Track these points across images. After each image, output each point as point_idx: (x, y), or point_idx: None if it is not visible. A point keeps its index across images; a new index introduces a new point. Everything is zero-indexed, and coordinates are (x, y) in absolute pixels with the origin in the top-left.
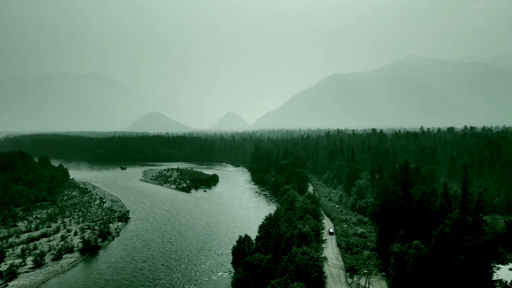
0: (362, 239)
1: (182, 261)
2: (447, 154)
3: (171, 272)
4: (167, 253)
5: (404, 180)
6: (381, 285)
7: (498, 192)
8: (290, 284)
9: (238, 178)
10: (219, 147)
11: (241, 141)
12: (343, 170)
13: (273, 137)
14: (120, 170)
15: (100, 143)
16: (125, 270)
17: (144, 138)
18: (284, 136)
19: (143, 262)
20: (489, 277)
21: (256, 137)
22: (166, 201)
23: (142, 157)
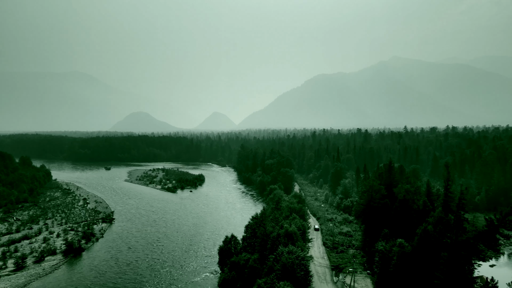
0: (348, 238)
1: (167, 263)
2: (430, 154)
3: (156, 275)
4: (152, 255)
5: (388, 179)
6: (366, 283)
7: (478, 191)
8: (277, 283)
9: (225, 178)
10: (205, 147)
11: (227, 141)
12: (329, 170)
13: (259, 137)
14: (105, 171)
15: (83, 143)
16: (108, 273)
17: (129, 138)
18: (270, 136)
19: (127, 265)
20: (470, 274)
21: (242, 137)
22: (152, 201)
23: (127, 157)
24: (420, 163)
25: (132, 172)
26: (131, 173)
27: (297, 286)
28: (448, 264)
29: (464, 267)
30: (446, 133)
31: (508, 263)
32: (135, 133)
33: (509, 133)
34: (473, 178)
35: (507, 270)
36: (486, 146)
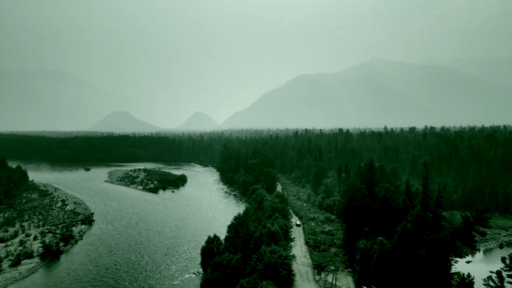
0: (330, 237)
1: (148, 266)
2: (409, 153)
3: (136, 279)
4: (133, 258)
5: (369, 179)
6: (347, 281)
7: (455, 189)
8: (259, 283)
9: (207, 178)
10: (188, 147)
11: (209, 141)
12: (311, 169)
13: (242, 137)
14: (84, 171)
15: (62, 143)
16: (86, 278)
17: (110, 138)
18: (253, 135)
19: (105, 269)
20: (447, 270)
21: (225, 137)
22: (133, 203)
23: (107, 158)
24: (400, 162)
25: (112, 173)
26: (112, 173)
27: (280, 285)
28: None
29: (442, 263)
30: (424, 133)
31: (483, 259)
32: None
33: (484, 133)
34: (450, 177)
35: (483, 266)
36: (463, 146)
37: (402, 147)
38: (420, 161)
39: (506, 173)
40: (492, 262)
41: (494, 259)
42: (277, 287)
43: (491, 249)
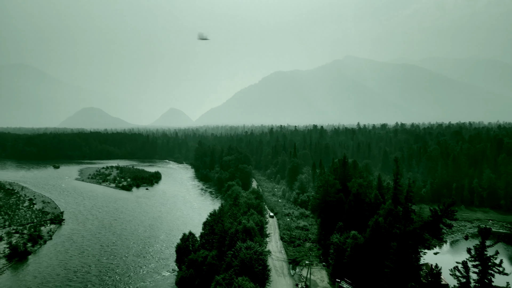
0: (304, 232)
1: (120, 267)
2: (381, 149)
3: (107, 281)
4: (105, 259)
5: (342, 174)
6: (321, 274)
7: (424, 184)
8: (235, 279)
9: (182, 175)
10: (162, 143)
11: (184, 137)
12: (286, 166)
13: (217, 134)
14: (53, 169)
15: (29, 140)
16: (53, 281)
17: (80, 135)
18: (228, 132)
19: (74, 272)
20: (417, 262)
21: (200, 133)
22: (105, 201)
23: (78, 155)
24: (372, 158)
25: (83, 170)
26: (83, 171)
27: (256, 280)
28: (397, 253)
29: (411, 255)
30: (395, 129)
31: (450, 250)
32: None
33: (451, 130)
34: (420, 172)
35: (450, 257)
36: (431, 142)
37: (374, 144)
38: (391, 156)
39: (471, 168)
40: (458, 253)
41: (460, 250)
42: (253, 282)
43: (457, 241)
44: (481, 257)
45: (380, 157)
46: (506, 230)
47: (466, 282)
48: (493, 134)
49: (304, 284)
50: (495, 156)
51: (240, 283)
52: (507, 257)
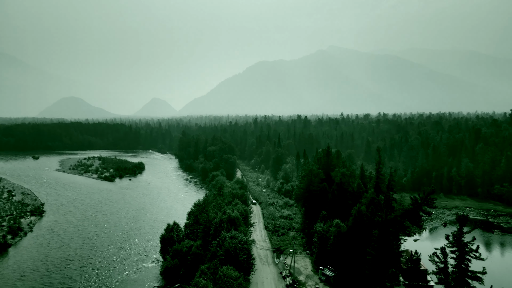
0: (288, 221)
1: (103, 258)
2: (363, 139)
3: (87, 275)
4: (87, 252)
5: (326, 164)
6: (305, 262)
7: (405, 173)
8: (220, 268)
9: (166, 165)
10: (145, 134)
11: (168, 127)
12: (270, 155)
13: (201, 124)
14: (32, 160)
15: (6, 131)
16: (32, 275)
17: (60, 125)
18: (212, 122)
19: (55, 266)
20: (397, 248)
21: (183, 123)
22: (87, 192)
23: (58, 146)
24: (355, 147)
25: (64, 161)
26: (63, 162)
27: (240, 269)
28: (378, 241)
29: (392, 242)
30: (378, 120)
31: (429, 237)
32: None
33: (432, 120)
34: (401, 161)
35: (429, 243)
36: (412, 132)
37: (357, 134)
38: (373, 146)
39: (450, 157)
40: (437, 239)
41: (439, 237)
42: (238, 271)
43: (436, 228)
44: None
45: (363, 147)
46: (482, 217)
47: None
48: (471, 124)
49: (288, 272)
50: (473, 146)
51: (225, 272)
52: (483, 243)
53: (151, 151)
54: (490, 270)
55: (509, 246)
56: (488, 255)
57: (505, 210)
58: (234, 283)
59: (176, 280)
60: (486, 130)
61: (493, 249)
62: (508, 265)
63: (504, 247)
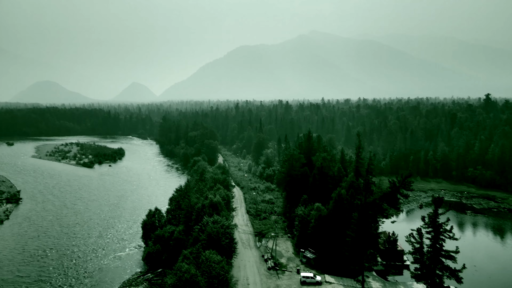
0: (270, 205)
1: (83, 247)
2: (344, 124)
3: (68, 262)
4: (65, 240)
5: (307, 149)
6: (286, 245)
7: (384, 157)
8: (202, 252)
9: (146, 151)
10: (124, 119)
11: (148, 113)
12: (252, 140)
13: (182, 109)
14: (6, 146)
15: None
16: (8, 266)
17: (36, 110)
18: (193, 107)
19: (32, 256)
20: (376, 230)
21: (164, 108)
22: (66, 179)
23: (34, 132)
24: (336, 132)
25: (40, 148)
26: (40, 148)
27: (223, 253)
28: (358, 223)
29: (371, 224)
30: (358, 105)
31: (406, 219)
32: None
33: (410, 105)
34: (380, 145)
35: (405, 224)
36: (391, 117)
37: (338, 118)
38: (354, 131)
39: (427, 141)
40: (413, 221)
41: (415, 218)
42: (220, 255)
43: (413, 210)
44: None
45: (343, 132)
46: (456, 199)
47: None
48: (447, 110)
49: (270, 255)
50: (449, 130)
51: (207, 256)
52: (456, 223)
53: (131, 136)
54: (462, 249)
55: (481, 226)
56: (461, 235)
57: (477, 192)
58: (217, 266)
59: (159, 265)
60: (461, 115)
61: (465, 229)
62: (479, 244)
63: (476, 227)
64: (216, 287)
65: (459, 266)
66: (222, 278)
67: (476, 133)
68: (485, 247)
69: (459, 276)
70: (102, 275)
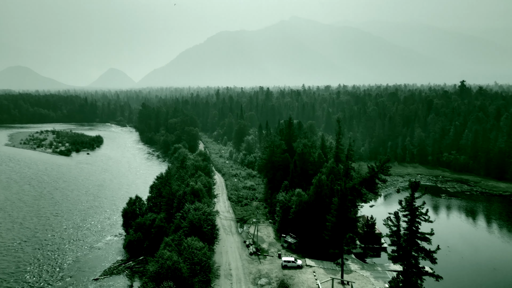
0: (251, 191)
1: (61, 237)
2: (324, 110)
3: (44, 255)
4: (42, 232)
5: (288, 135)
6: (268, 231)
7: (363, 142)
8: (184, 239)
9: (126, 138)
10: (102, 106)
11: (126, 99)
12: (233, 127)
13: (161, 96)
14: None
15: None
16: None
17: (7, 97)
18: (173, 94)
19: (6, 249)
20: (355, 214)
21: (143, 95)
22: (43, 167)
23: (6, 119)
24: (316, 119)
25: (14, 135)
26: (13, 136)
27: (205, 240)
28: (338, 208)
29: (350, 209)
30: (338, 91)
31: (384, 203)
32: (14, 91)
33: (388, 92)
34: (359, 131)
35: (383, 208)
36: (370, 103)
37: (318, 105)
38: (334, 117)
39: (405, 127)
40: (390, 205)
41: (392, 202)
42: (202, 241)
43: (390, 194)
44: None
45: (324, 118)
46: (432, 183)
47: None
48: (424, 96)
49: (251, 240)
50: (425, 116)
51: (189, 243)
52: (432, 206)
53: (109, 124)
54: (437, 231)
55: (454, 209)
56: (436, 218)
57: (452, 176)
58: (199, 253)
59: (140, 253)
60: (437, 101)
61: (440, 212)
62: (452, 226)
63: (450, 210)
64: (198, 273)
65: (434, 247)
66: (204, 264)
67: (451, 119)
68: (458, 228)
69: (433, 256)
70: (81, 264)
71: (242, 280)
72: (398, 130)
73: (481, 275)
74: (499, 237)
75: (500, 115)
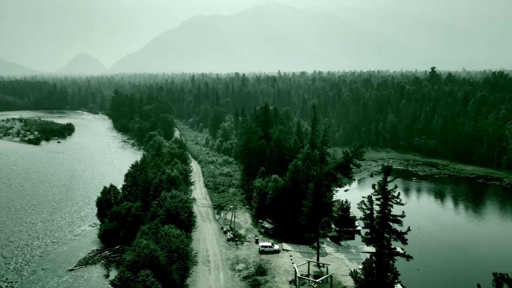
0: (228, 178)
1: (32, 230)
2: (300, 96)
3: (16, 249)
4: (11, 226)
5: (264, 121)
6: (245, 217)
7: (338, 128)
8: (161, 227)
9: (98, 126)
10: (73, 93)
11: (98, 86)
12: (209, 114)
13: (135, 82)
14: None
15: None
16: None
17: None
18: (147, 80)
19: None
20: (330, 199)
21: (115, 81)
22: (13, 158)
23: None
24: (292, 104)
25: None
26: None
27: (182, 227)
28: (314, 193)
29: (326, 194)
30: (313, 77)
31: (357, 187)
32: None
33: (362, 78)
34: (334, 117)
35: (357, 192)
36: (345, 89)
37: (294, 91)
38: (309, 103)
39: (378, 112)
40: (364, 189)
41: (366, 186)
42: (179, 229)
43: (364, 178)
44: (383, 191)
45: (299, 104)
46: (403, 167)
47: (370, 213)
48: (397, 82)
49: (229, 227)
50: (397, 102)
51: (166, 230)
52: (403, 189)
53: (80, 111)
54: (408, 213)
55: (424, 191)
56: (407, 200)
57: (422, 160)
58: (176, 240)
59: (116, 242)
60: (409, 87)
61: (411, 194)
62: (422, 207)
63: (420, 192)
64: (176, 260)
65: (405, 229)
66: (182, 251)
67: (422, 105)
68: (427, 210)
69: (404, 238)
70: (54, 256)
71: (220, 266)
72: (371, 115)
73: (448, 253)
74: (465, 217)
75: (467, 101)
